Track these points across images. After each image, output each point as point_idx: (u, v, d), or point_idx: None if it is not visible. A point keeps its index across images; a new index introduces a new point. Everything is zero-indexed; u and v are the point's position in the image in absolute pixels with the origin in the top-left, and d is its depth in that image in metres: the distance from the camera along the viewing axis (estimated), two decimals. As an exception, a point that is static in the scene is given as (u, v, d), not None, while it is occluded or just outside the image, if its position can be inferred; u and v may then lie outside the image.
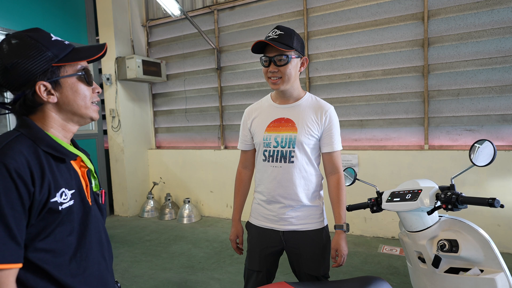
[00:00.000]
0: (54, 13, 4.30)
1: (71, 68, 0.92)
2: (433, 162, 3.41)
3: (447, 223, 1.32)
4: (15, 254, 0.78)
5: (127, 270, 3.14)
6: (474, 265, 1.25)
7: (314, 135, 1.54)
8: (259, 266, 1.62)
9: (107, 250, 1.03)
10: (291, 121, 1.55)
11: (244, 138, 1.70)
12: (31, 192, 0.81)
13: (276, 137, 1.55)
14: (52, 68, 0.88)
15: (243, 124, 1.70)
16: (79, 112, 0.95)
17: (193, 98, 5.02)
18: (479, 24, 3.27)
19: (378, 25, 3.70)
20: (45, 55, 0.87)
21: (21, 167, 0.80)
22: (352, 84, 3.90)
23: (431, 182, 1.36)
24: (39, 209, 0.83)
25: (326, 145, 1.57)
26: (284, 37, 1.46)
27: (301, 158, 1.54)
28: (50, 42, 0.90)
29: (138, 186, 5.11)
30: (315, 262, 1.56)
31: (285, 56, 1.46)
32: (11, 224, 0.77)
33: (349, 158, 3.80)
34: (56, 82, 0.89)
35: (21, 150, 0.82)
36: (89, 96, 0.96)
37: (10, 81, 0.87)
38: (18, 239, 0.79)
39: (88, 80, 0.95)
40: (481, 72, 3.31)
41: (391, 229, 3.64)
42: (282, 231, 1.57)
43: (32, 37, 0.87)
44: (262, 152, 1.59)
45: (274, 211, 1.58)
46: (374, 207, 1.54)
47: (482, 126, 3.36)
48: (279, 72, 1.48)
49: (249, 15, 4.43)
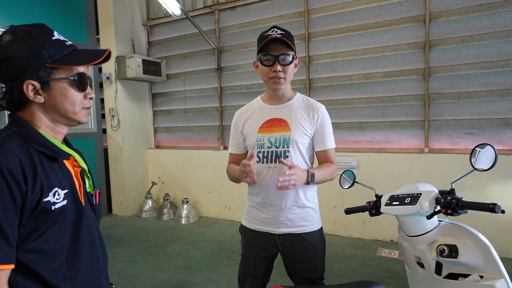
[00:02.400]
0: (55, 12, 4.29)
1: (65, 71, 0.88)
2: (433, 166, 3.39)
3: (446, 228, 1.29)
4: (7, 255, 0.77)
5: (124, 270, 3.12)
6: (474, 271, 1.23)
7: (308, 133, 1.54)
8: (254, 270, 1.60)
9: (100, 252, 1.01)
10: (284, 121, 1.54)
11: (236, 141, 1.67)
12: (23, 191, 0.79)
13: (269, 137, 1.54)
14: (44, 68, 0.86)
15: (234, 127, 1.67)
16: (65, 116, 0.92)
17: (193, 98, 5.00)
18: (481, 27, 3.25)
19: (379, 27, 3.68)
20: (40, 55, 0.85)
21: (13, 165, 0.78)
22: (353, 86, 3.89)
23: (431, 186, 1.34)
24: (31, 209, 0.81)
25: (319, 144, 1.56)
26: (287, 37, 1.46)
27: (295, 157, 1.53)
28: (49, 41, 0.87)
29: (136, 185, 5.09)
30: (311, 265, 1.54)
31: (290, 55, 1.46)
32: (2, 224, 0.76)
33: (349, 160, 3.78)
34: (46, 83, 0.87)
35: (13, 148, 0.81)
36: (79, 102, 0.92)
37: (2, 74, 0.85)
38: (10, 239, 0.77)
39: (79, 86, 0.91)
40: (482, 76, 3.29)
41: (390, 232, 3.62)
42: (277, 234, 1.55)
43: (31, 34, 0.85)
44: (255, 154, 1.57)
45: (269, 214, 1.56)
46: (373, 210, 1.51)
47: (483, 130, 3.34)
48: (283, 72, 1.47)
49: (250, 16, 4.42)
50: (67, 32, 4.44)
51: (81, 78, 0.91)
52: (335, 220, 3.90)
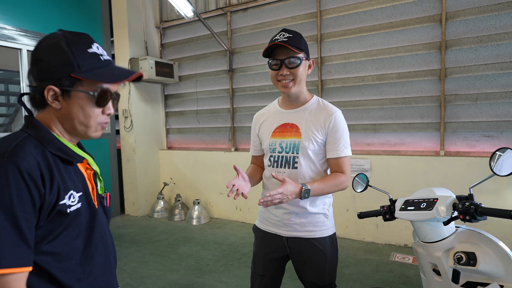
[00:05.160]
0: (71, 14, 4.38)
1: (88, 85, 0.88)
2: (449, 169, 3.30)
3: (464, 234, 1.25)
4: (26, 257, 0.77)
5: (136, 270, 3.15)
6: (493, 280, 1.18)
7: (319, 140, 1.49)
8: (263, 270, 1.60)
9: (112, 253, 1.02)
10: (296, 126, 1.52)
11: (254, 144, 1.70)
12: (42, 193, 0.80)
13: (281, 142, 1.53)
14: (69, 78, 0.86)
15: (253, 130, 1.70)
16: (77, 127, 0.91)
17: (205, 99, 5.03)
18: (500, 26, 3.15)
19: (394, 27, 3.62)
20: (69, 64, 0.85)
21: (32, 168, 0.79)
22: (366, 87, 3.83)
23: (448, 191, 1.30)
24: (48, 211, 0.82)
25: (331, 150, 1.50)
26: (293, 40, 1.44)
27: (305, 164, 1.50)
28: (84, 53, 0.88)
29: (148, 186, 5.14)
30: (320, 271, 1.51)
31: (296, 58, 1.44)
32: (23, 227, 0.76)
33: (362, 162, 3.72)
34: (67, 92, 0.87)
35: (31, 151, 0.82)
36: (95, 117, 0.91)
37: (33, 73, 0.88)
38: (29, 242, 0.78)
39: (97, 102, 0.90)
40: (501, 76, 3.19)
41: (404, 237, 3.54)
42: (286, 237, 1.54)
43: (68, 42, 0.86)
44: (268, 158, 1.58)
45: (278, 216, 1.55)
46: (387, 215, 1.48)
47: (501, 132, 3.23)
48: (291, 75, 1.46)
49: (262, 17, 4.41)
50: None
51: (101, 94, 0.90)
52: (347, 224, 3.85)
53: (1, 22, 3.69)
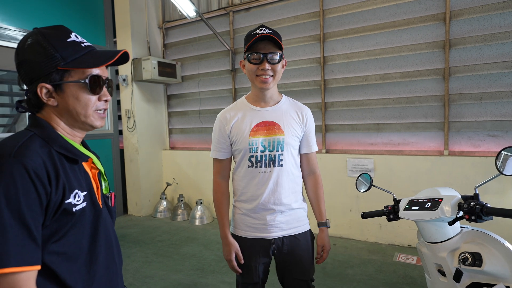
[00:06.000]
0: (73, 15, 4.39)
1: (78, 74, 0.88)
2: (453, 169, 3.28)
3: (469, 234, 1.24)
4: (35, 255, 0.77)
5: (139, 270, 3.15)
6: (499, 280, 1.16)
7: (299, 136, 1.54)
8: (256, 277, 1.55)
9: (117, 253, 1.01)
10: (276, 124, 1.50)
11: (220, 146, 1.55)
12: (48, 192, 0.80)
13: (262, 141, 1.48)
14: (57, 71, 0.86)
15: (219, 130, 1.55)
16: (78, 119, 0.91)
17: (207, 99, 5.03)
18: (504, 25, 3.13)
19: (397, 26, 3.60)
20: (52, 57, 0.85)
21: (39, 167, 0.79)
22: (369, 87, 3.81)
23: (453, 191, 1.28)
24: (54, 210, 0.81)
25: (306, 146, 1.58)
26: (276, 35, 1.43)
27: (289, 161, 1.51)
28: (63, 43, 0.87)
29: (151, 186, 5.15)
30: (306, 266, 1.54)
31: (278, 54, 1.44)
32: (30, 226, 0.76)
33: (365, 162, 3.70)
34: (59, 86, 0.87)
35: (37, 150, 0.81)
36: (92, 105, 0.91)
37: (22, 76, 0.87)
38: (37, 240, 0.77)
39: (91, 89, 0.89)
40: (506, 75, 3.16)
41: (408, 237, 3.52)
42: (273, 238, 1.52)
43: (45, 36, 0.86)
44: (247, 158, 1.49)
45: (262, 219, 1.51)
46: (391, 215, 1.47)
47: (506, 132, 3.20)
48: (271, 70, 1.44)
49: (265, 17, 4.40)
50: (85, 34, 4.53)
51: (92, 80, 0.89)
52: (350, 224, 3.83)
53: (5, 23, 3.71)
